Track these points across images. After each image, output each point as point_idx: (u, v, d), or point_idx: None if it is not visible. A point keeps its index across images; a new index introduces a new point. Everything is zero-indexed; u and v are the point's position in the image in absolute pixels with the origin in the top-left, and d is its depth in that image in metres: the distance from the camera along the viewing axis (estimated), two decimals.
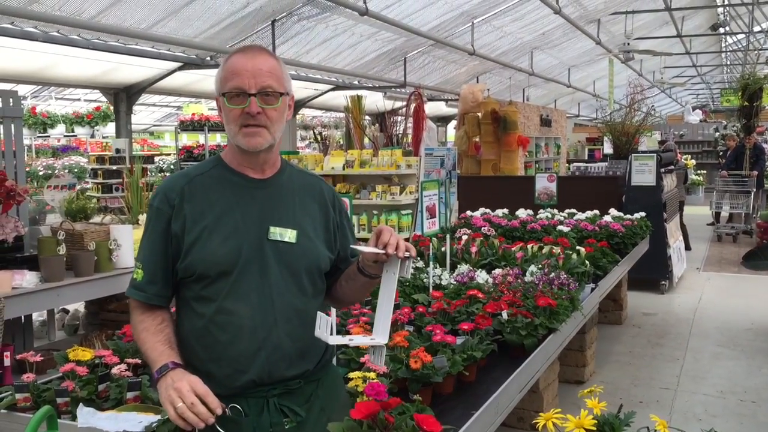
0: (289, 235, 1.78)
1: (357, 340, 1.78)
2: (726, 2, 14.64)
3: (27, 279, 4.01)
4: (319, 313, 1.68)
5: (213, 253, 1.73)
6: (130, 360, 2.68)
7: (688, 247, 10.08)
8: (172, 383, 1.61)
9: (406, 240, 1.80)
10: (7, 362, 3.79)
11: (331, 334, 1.66)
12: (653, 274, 7.74)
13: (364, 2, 8.06)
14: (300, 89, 11.78)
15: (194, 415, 1.55)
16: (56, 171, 11.72)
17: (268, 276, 1.75)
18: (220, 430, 1.66)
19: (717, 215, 12.95)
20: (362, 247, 1.75)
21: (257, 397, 1.74)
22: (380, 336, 1.71)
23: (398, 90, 12.13)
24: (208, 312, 1.74)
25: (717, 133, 20.35)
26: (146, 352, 1.75)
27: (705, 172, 19.54)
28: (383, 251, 1.68)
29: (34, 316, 5.30)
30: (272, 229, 1.77)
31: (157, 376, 1.67)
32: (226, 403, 1.67)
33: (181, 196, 1.77)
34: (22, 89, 13.30)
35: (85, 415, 2.28)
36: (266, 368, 1.72)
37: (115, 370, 2.56)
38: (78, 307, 5.99)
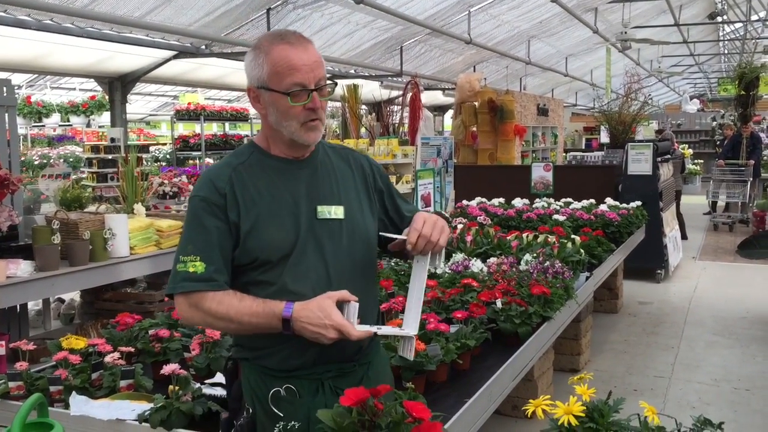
0: (337, 212, 1.80)
1: (385, 329, 1.77)
2: None
3: (21, 268, 4.00)
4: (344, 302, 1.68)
5: (272, 238, 1.73)
6: (123, 348, 2.68)
7: (684, 237, 10.09)
8: (315, 327, 1.62)
9: None
10: (1, 351, 3.79)
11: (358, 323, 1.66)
12: (649, 263, 7.76)
13: None
14: None
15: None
16: (51, 160, 11.68)
17: (324, 254, 1.76)
18: (277, 412, 1.69)
19: (714, 204, 12.96)
20: (390, 235, 1.80)
21: (312, 379, 1.75)
22: (410, 327, 1.73)
23: (395, 79, 12.07)
24: (267, 295, 1.73)
25: (714, 123, 20.37)
26: (251, 321, 1.69)
27: (702, 161, 19.55)
28: (406, 237, 1.72)
29: (30, 305, 5.29)
30: (320, 208, 1.79)
31: (286, 330, 1.66)
32: (281, 385, 1.70)
33: (230, 184, 1.75)
34: (18, 78, 13.25)
35: (78, 403, 2.29)
36: (324, 345, 1.69)
37: (108, 359, 2.56)
38: (73, 296, 5.99)
